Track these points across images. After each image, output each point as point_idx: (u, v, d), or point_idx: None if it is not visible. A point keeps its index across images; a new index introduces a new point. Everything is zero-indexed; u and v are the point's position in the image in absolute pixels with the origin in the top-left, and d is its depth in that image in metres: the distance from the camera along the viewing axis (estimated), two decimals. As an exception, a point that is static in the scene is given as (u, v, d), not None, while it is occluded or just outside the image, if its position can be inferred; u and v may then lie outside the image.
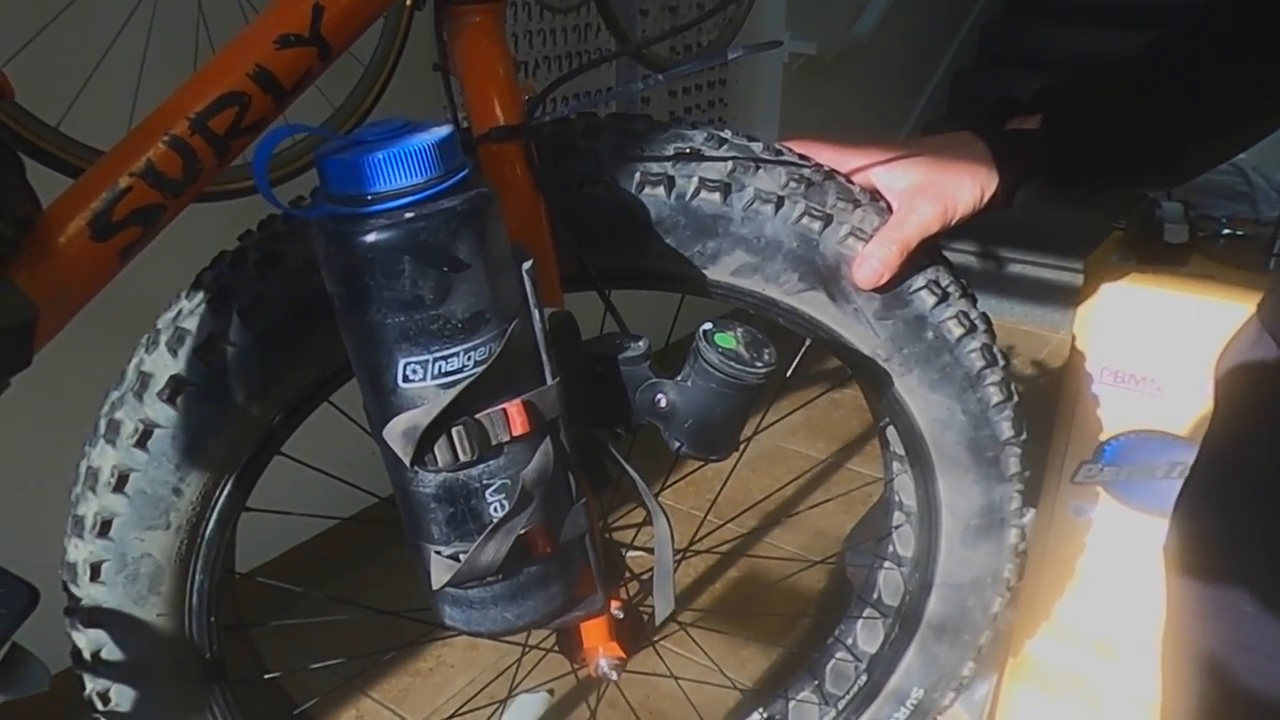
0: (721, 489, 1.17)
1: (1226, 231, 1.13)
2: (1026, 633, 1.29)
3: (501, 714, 1.62)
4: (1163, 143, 0.72)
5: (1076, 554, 1.21)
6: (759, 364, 0.54)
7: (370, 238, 0.44)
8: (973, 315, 0.69)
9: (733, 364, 0.53)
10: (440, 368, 0.47)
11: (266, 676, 0.78)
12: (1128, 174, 0.73)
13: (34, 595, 0.40)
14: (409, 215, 0.44)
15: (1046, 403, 1.19)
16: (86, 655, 0.65)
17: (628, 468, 0.57)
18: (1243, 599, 0.70)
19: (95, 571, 0.62)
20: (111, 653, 0.64)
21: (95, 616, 0.63)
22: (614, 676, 0.72)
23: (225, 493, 0.63)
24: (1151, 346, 1.06)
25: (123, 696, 0.66)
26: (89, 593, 0.63)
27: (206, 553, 0.65)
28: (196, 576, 0.65)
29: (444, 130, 0.46)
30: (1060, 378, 1.17)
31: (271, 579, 1.03)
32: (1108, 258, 1.09)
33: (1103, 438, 1.14)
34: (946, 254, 0.70)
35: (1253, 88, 0.69)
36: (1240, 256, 1.09)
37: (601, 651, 0.72)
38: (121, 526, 0.61)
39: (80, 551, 0.63)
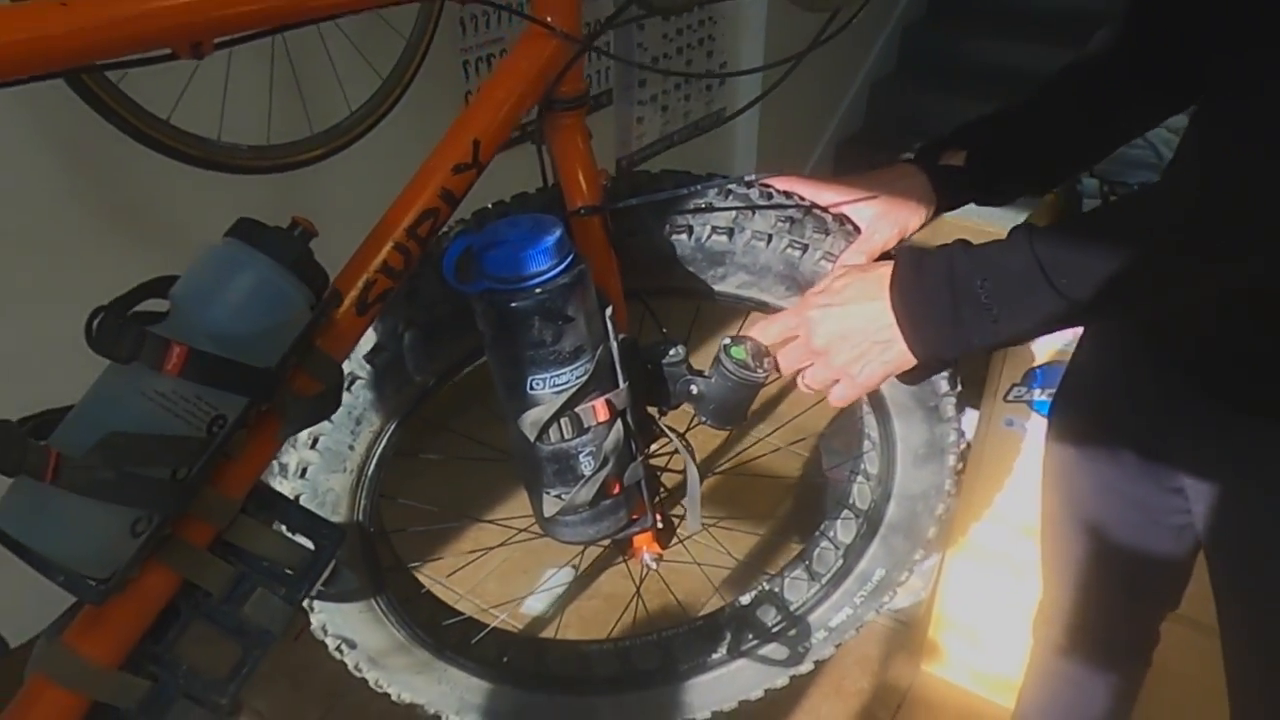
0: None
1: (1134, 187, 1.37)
2: (967, 518, 1.60)
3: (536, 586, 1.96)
4: (1056, 163, 0.97)
5: (1007, 457, 1.50)
6: (761, 370, 0.80)
7: (515, 305, 0.69)
8: (916, 305, 0.94)
9: (743, 369, 0.80)
10: (554, 382, 0.73)
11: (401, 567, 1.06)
12: (1031, 188, 0.98)
13: (342, 532, 0.66)
14: (539, 291, 0.69)
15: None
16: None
17: (670, 434, 0.84)
18: (1100, 457, 0.97)
19: (295, 500, 0.89)
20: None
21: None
22: (654, 566, 1.01)
23: (384, 443, 0.89)
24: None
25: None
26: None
27: (370, 485, 0.91)
28: (362, 501, 0.92)
29: (558, 230, 0.70)
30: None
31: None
32: (1039, 221, 1.34)
33: (1029, 365, 1.41)
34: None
35: (1123, 118, 0.93)
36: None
37: (644, 548, 1.01)
38: (314, 472, 0.88)
39: (284, 487, 0.89)
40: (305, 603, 0.89)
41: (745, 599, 1.22)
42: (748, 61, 3.09)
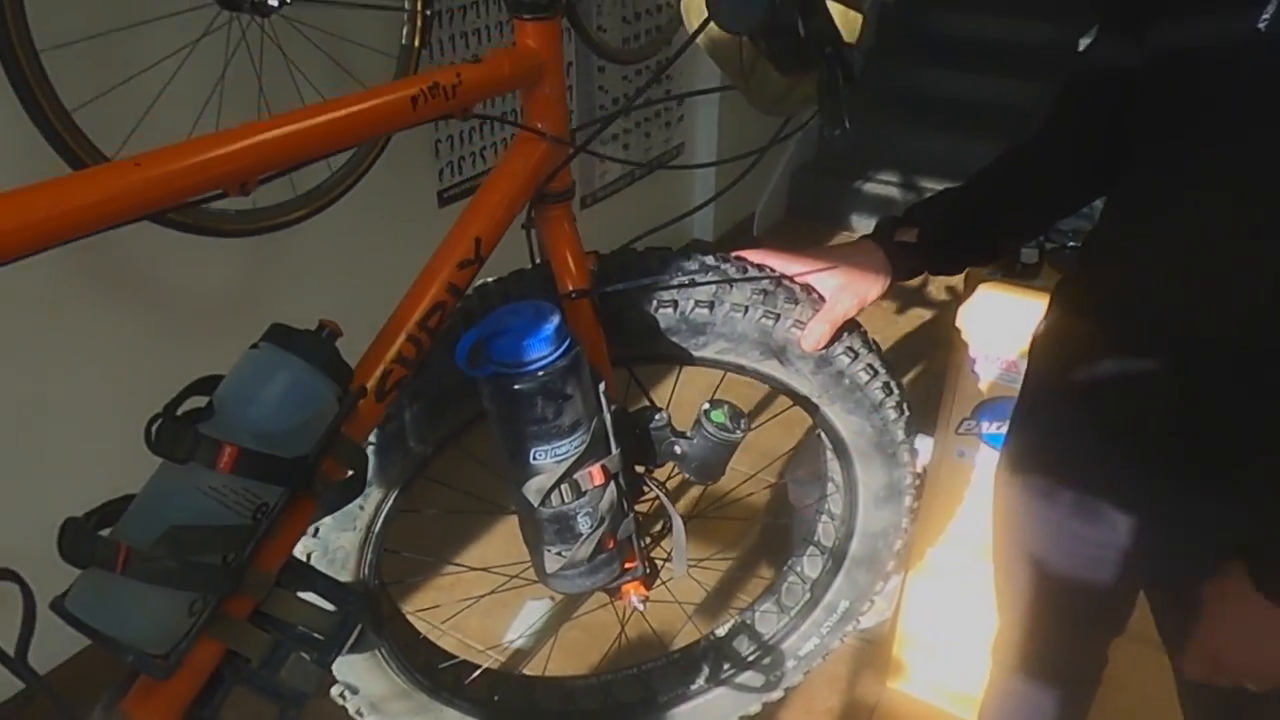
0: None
1: (1071, 244, 1.49)
2: (925, 541, 1.70)
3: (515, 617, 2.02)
4: (999, 239, 1.07)
5: (959, 485, 1.61)
6: (738, 430, 0.89)
7: (519, 387, 0.77)
8: (875, 365, 1.03)
9: (723, 431, 0.88)
10: (555, 452, 0.81)
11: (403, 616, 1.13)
12: (977, 261, 1.09)
13: (365, 600, 0.73)
14: (541, 374, 0.77)
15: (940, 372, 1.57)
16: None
17: (656, 489, 0.93)
18: (1044, 504, 1.06)
19: (307, 558, 0.95)
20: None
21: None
22: (642, 608, 1.09)
23: (390, 503, 0.96)
24: (1009, 336, 1.43)
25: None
26: (302, 574, 0.96)
27: (376, 542, 0.98)
28: (369, 556, 0.99)
29: (556, 317, 0.78)
30: (948, 355, 1.54)
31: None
32: (982, 271, 1.44)
33: (977, 401, 1.52)
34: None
35: (1058, 199, 1.04)
36: (1072, 262, 1.45)
37: (631, 591, 1.09)
38: (326, 531, 0.94)
39: (299, 547, 0.95)
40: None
41: (720, 631, 1.30)
42: (704, 101, 3.20)
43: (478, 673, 1.20)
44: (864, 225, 3.92)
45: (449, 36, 2.14)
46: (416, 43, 1.66)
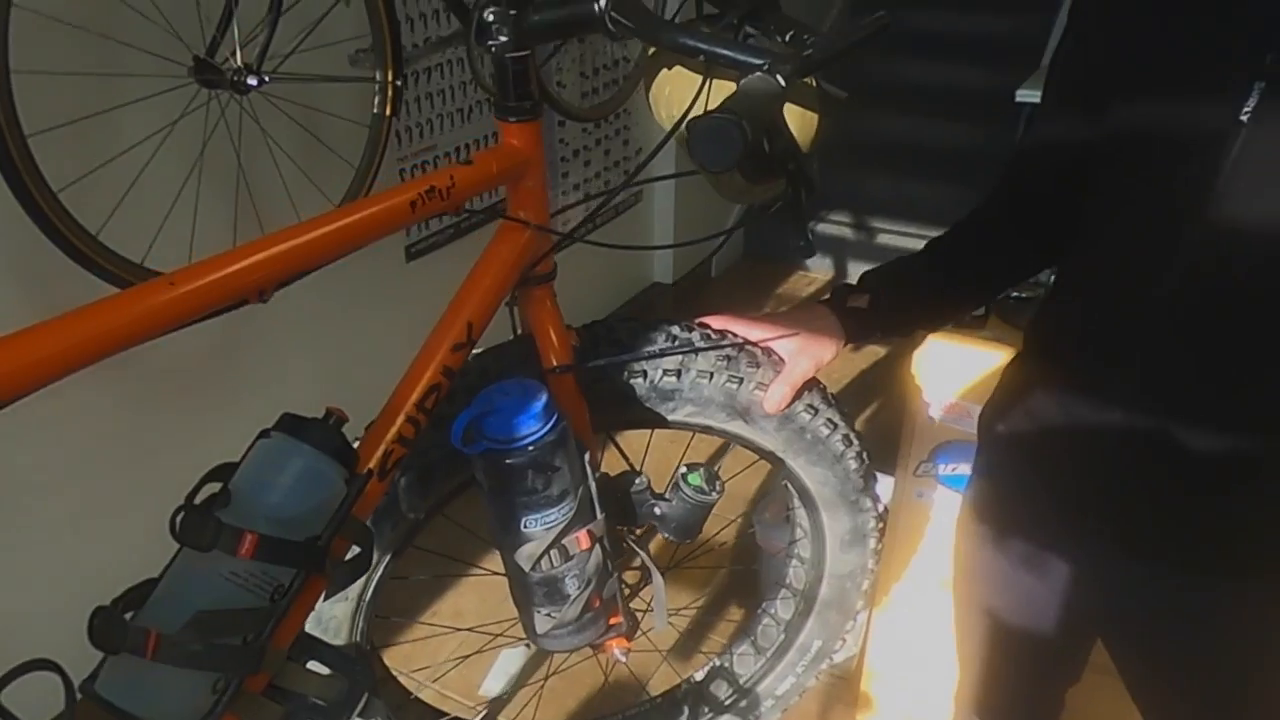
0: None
1: (1015, 295, 1.59)
2: (889, 579, 1.76)
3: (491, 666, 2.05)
4: (946, 308, 1.15)
5: (920, 524, 1.68)
6: (714, 492, 0.95)
7: (510, 461, 0.83)
8: (835, 419, 1.10)
9: (699, 493, 0.95)
10: (544, 521, 0.87)
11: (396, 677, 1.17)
12: (925, 328, 1.16)
13: (372, 671, 0.78)
14: (531, 448, 0.83)
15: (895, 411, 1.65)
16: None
17: (636, 548, 0.99)
18: (997, 555, 1.09)
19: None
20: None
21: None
22: (624, 660, 1.14)
23: (380, 572, 1.01)
24: (960, 382, 1.51)
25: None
26: (298, 643, 1.00)
27: (368, 610, 1.03)
28: (360, 624, 1.03)
29: (544, 395, 0.84)
30: (904, 397, 1.62)
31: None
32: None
33: (933, 444, 1.60)
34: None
35: (1003, 270, 1.10)
36: (1022, 315, 1.55)
37: (614, 645, 1.14)
38: (319, 603, 0.98)
39: (293, 619, 0.99)
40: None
41: (699, 675, 1.36)
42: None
43: (467, 727, 1.24)
44: (818, 266, 4.04)
45: (414, 98, 2.21)
46: (388, 111, 1.73)
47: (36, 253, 1.28)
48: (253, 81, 1.42)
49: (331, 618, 1.00)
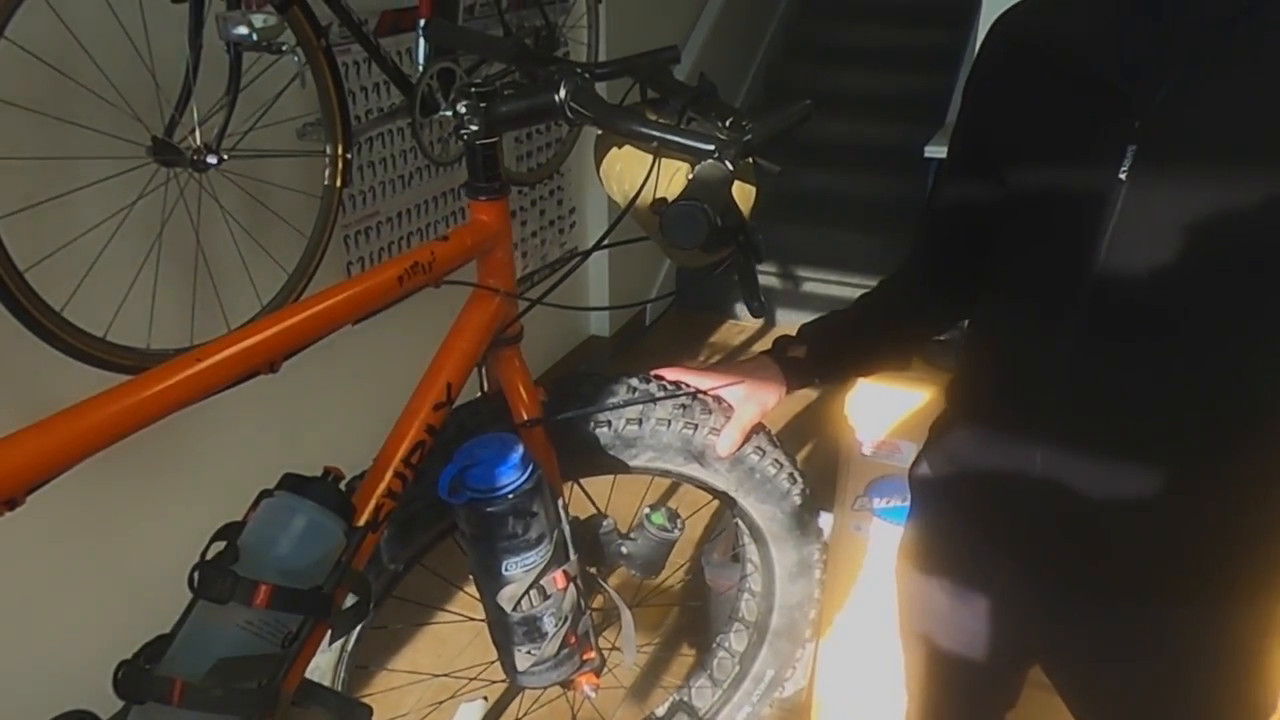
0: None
1: (938, 338, 1.72)
2: (831, 609, 1.86)
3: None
4: (874, 357, 1.25)
5: (858, 556, 1.78)
6: (675, 530, 1.04)
7: (492, 509, 0.90)
8: (781, 459, 1.20)
9: (662, 531, 1.03)
10: (524, 563, 0.94)
11: None
12: (858, 374, 1.27)
13: (370, 711, 0.83)
14: (511, 496, 0.91)
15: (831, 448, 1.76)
16: None
17: (604, 585, 1.06)
18: (930, 587, 1.15)
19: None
20: None
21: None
22: (594, 696, 1.21)
23: (363, 623, 1.06)
24: (889, 420, 1.63)
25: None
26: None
27: (349, 660, 1.08)
28: (342, 674, 1.08)
29: (520, 447, 0.92)
30: (839, 441, 1.73)
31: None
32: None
33: (868, 480, 1.71)
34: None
35: (924, 323, 1.21)
36: (943, 355, 1.68)
37: (584, 682, 1.20)
38: (306, 655, 1.03)
39: (279, 673, 1.04)
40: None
41: (660, 710, 1.43)
42: (593, 211, 3.43)
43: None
44: (747, 315, 4.18)
45: (356, 166, 2.28)
46: (339, 182, 1.80)
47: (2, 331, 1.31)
48: (212, 160, 1.48)
49: (315, 668, 1.05)
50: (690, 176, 0.83)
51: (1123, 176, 0.81)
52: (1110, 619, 0.97)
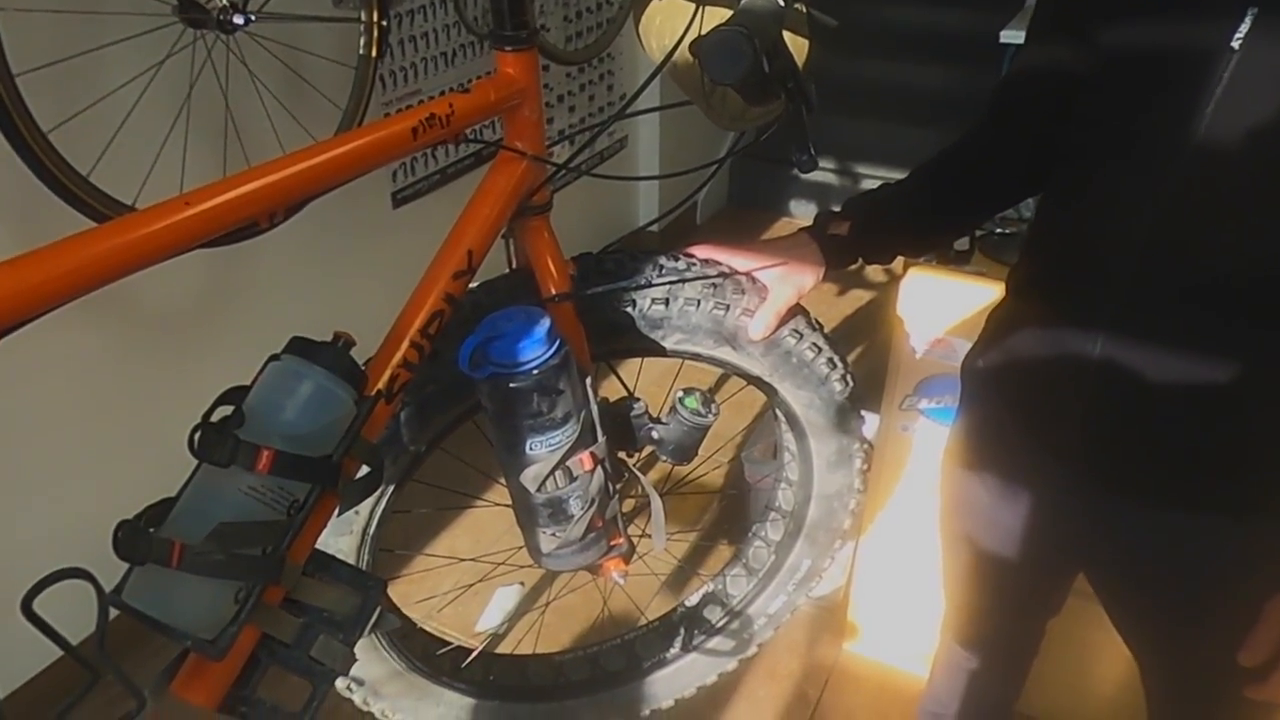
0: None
1: (999, 230, 1.62)
2: (873, 510, 1.82)
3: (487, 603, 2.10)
4: (925, 236, 1.17)
5: (903, 457, 1.73)
6: (710, 414, 0.98)
7: (515, 385, 0.85)
8: (819, 343, 1.13)
9: (695, 415, 0.98)
10: (549, 443, 0.89)
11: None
12: (904, 254, 1.18)
13: (384, 582, 0.81)
14: (536, 372, 0.85)
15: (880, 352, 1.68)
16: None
17: (634, 471, 1.02)
18: (977, 489, 1.13)
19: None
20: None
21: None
22: (623, 582, 1.18)
23: (384, 506, 1.03)
24: (943, 317, 1.55)
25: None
26: (306, 571, 1.03)
27: (372, 543, 1.05)
28: (365, 557, 1.06)
29: (547, 320, 0.86)
30: (888, 336, 1.66)
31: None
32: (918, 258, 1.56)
33: (917, 379, 1.64)
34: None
35: (984, 201, 1.13)
36: (1006, 250, 1.58)
37: (613, 568, 1.18)
38: (325, 536, 0.99)
39: (301, 547, 1.02)
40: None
41: (693, 600, 1.40)
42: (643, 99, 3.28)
43: (473, 656, 1.28)
44: (802, 211, 4.05)
45: (399, 41, 2.19)
46: (374, 53, 1.72)
47: (29, 195, 1.28)
48: (239, 20, 1.41)
49: (338, 550, 1.03)
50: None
51: (1236, 44, 0.74)
52: (1156, 524, 0.94)
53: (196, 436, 0.69)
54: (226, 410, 0.73)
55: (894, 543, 1.83)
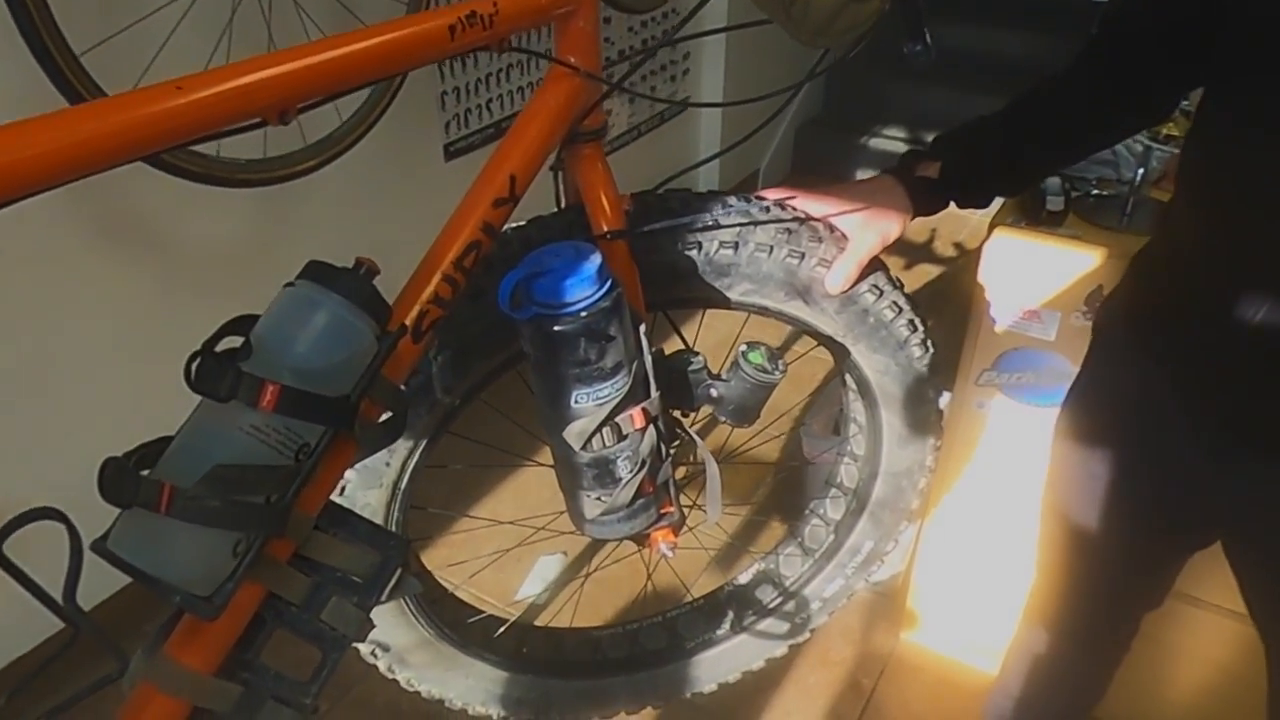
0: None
1: (1095, 192, 1.46)
2: (939, 493, 1.69)
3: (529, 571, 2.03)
4: (1024, 174, 1.05)
5: (976, 436, 1.60)
6: (776, 372, 0.87)
7: (560, 328, 0.76)
8: (900, 302, 1.01)
9: (760, 371, 0.87)
10: (596, 396, 0.80)
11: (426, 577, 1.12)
12: (1000, 194, 1.07)
13: (406, 542, 0.72)
14: (584, 314, 0.75)
15: (961, 315, 1.55)
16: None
17: (690, 433, 0.91)
18: (1102, 468, 1.04)
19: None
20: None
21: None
22: (671, 555, 1.08)
23: (415, 459, 0.95)
24: (1032, 285, 1.41)
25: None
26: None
27: (403, 499, 0.97)
28: (395, 514, 0.98)
29: (598, 257, 0.76)
30: (964, 308, 1.52)
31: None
32: (1005, 219, 1.42)
33: (998, 352, 1.50)
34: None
35: (1087, 137, 1.01)
36: (1103, 213, 1.43)
37: (661, 539, 1.08)
38: (352, 489, 0.93)
39: (326, 501, 0.94)
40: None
41: (744, 578, 1.30)
42: (710, 50, 3.15)
43: (506, 626, 1.20)
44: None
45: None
46: (426, -12, 1.63)
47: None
48: (282, -57, 1.33)
49: (365, 505, 0.95)
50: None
51: None
52: None
53: (194, 367, 0.61)
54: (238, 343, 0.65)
55: (961, 527, 1.71)
